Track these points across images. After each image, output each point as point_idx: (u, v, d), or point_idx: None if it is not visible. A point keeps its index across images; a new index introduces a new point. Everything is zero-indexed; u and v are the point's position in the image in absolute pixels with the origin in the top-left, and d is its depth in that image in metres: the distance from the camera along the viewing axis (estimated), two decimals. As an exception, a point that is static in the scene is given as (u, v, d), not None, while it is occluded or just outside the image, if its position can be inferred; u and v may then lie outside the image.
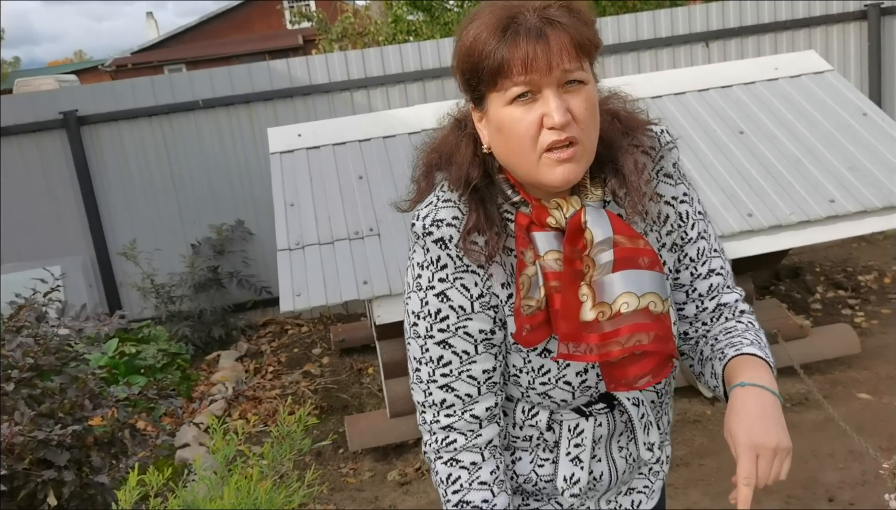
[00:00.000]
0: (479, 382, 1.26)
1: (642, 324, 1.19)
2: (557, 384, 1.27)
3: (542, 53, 1.10)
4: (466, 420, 1.27)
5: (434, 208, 1.24)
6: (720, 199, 3.68)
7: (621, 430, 1.36)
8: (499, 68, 1.12)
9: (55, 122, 5.44)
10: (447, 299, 1.22)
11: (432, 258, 1.22)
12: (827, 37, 6.11)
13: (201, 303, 5.44)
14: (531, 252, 1.20)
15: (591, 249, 1.19)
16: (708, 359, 1.32)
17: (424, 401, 1.28)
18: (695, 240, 1.33)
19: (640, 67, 5.93)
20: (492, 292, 1.23)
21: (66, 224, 5.58)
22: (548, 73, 1.11)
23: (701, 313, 1.36)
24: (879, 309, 4.83)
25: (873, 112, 4.13)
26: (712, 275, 1.34)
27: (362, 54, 5.72)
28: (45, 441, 2.49)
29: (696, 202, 1.34)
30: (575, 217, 1.19)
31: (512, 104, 1.14)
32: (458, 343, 1.24)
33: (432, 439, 1.29)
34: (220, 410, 4.42)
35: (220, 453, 2.57)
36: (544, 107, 1.12)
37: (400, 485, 3.58)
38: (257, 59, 7.32)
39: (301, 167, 4.01)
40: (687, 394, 3.95)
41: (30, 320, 2.82)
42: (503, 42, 1.11)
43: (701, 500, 3.18)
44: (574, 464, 1.34)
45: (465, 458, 1.28)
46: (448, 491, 1.28)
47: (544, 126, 1.13)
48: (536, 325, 1.20)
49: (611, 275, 1.18)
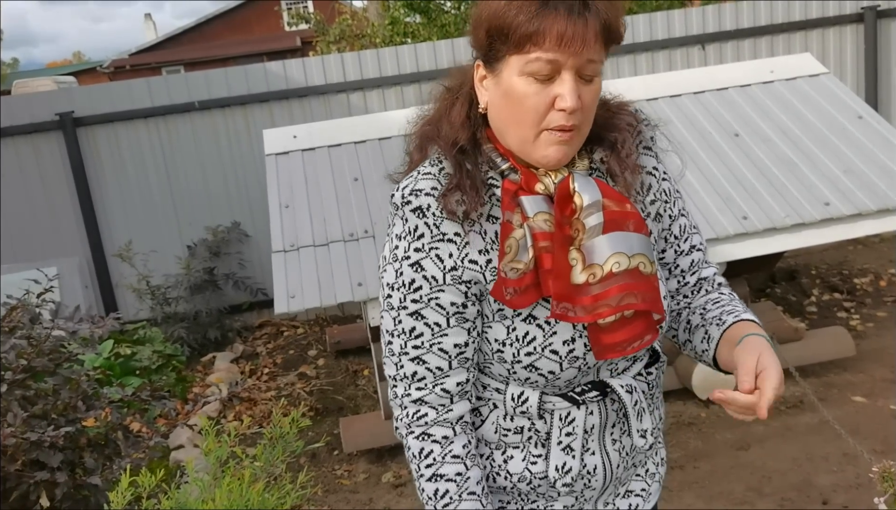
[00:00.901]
0: (451, 356, 1.26)
1: (631, 284, 1.21)
2: (544, 353, 1.25)
3: (578, 33, 1.12)
4: (437, 393, 1.27)
5: (413, 180, 1.26)
6: (715, 201, 3.68)
7: (614, 421, 1.36)
8: (532, 35, 1.13)
9: (51, 123, 5.44)
10: (421, 269, 1.23)
11: (410, 228, 1.24)
12: (823, 39, 6.12)
13: (197, 305, 5.43)
14: (518, 215, 1.22)
15: (581, 213, 1.21)
16: (699, 326, 1.37)
17: (396, 375, 1.29)
18: (677, 217, 1.38)
19: (636, 70, 5.93)
20: (468, 260, 1.23)
21: (61, 225, 5.58)
22: (577, 55, 1.13)
23: (683, 287, 1.41)
24: (875, 312, 4.83)
25: (869, 115, 4.13)
26: (693, 251, 1.40)
27: (359, 56, 5.73)
28: (37, 442, 2.49)
29: (672, 180, 1.39)
30: (563, 183, 1.22)
31: (529, 76, 1.16)
32: (430, 314, 1.24)
33: (403, 414, 1.30)
34: (214, 412, 4.41)
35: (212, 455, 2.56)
36: (560, 88, 1.15)
37: (394, 487, 3.58)
38: (255, 61, 7.33)
39: (296, 169, 4.01)
40: (681, 396, 3.95)
41: (23, 321, 2.81)
42: (544, 9, 1.12)
43: (695, 503, 3.18)
44: (565, 454, 1.33)
45: (436, 432, 1.28)
46: (421, 465, 1.29)
47: (555, 107, 1.16)
48: (524, 288, 1.21)
49: (600, 237, 1.21)
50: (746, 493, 3.20)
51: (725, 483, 3.28)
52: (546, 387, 1.30)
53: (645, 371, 1.39)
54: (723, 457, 3.49)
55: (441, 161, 1.27)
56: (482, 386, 1.34)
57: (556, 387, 1.31)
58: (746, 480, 3.29)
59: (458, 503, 1.27)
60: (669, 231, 1.38)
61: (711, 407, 3.89)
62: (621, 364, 1.34)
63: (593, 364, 1.29)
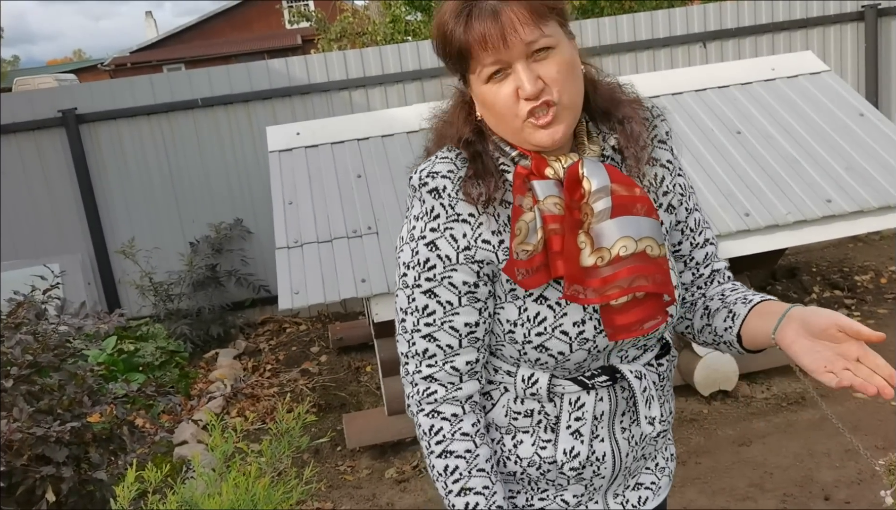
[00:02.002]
0: (461, 335, 1.29)
1: (641, 267, 1.24)
2: (554, 333, 1.28)
3: (495, 31, 1.16)
4: (447, 371, 1.30)
5: (431, 163, 1.30)
6: (717, 198, 3.69)
7: (623, 409, 1.38)
8: (462, 52, 1.20)
9: (54, 120, 5.44)
10: (436, 248, 1.27)
11: (427, 209, 1.28)
12: (824, 38, 6.12)
13: (200, 302, 5.44)
14: (529, 198, 1.25)
15: (589, 197, 1.24)
16: (719, 309, 1.39)
17: (408, 352, 1.32)
18: (692, 210, 1.41)
19: (637, 67, 5.94)
20: (481, 240, 1.26)
21: (64, 222, 5.59)
22: (507, 49, 1.17)
23: (697, 279, 1.45)
24: (876, 309, 4.84)
25: (870, 112, 4.15)
26: (707, 244, 1.44)
27: (360, 54, 5.73)
28: (43, 437, 2.50)
29: (686, 177, 1.42)
30: (572, 167, 1.25)
31: (489, 82, 1.21)
32: (442, 293, 1.28)
33: (414, 391, 1.33)
34: (218, 408, 4.43)
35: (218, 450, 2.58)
36: (516, 80, 1.19)
37: (397, 482, 3.59)
38: (256, 59, 7.33)
39: (300, 166, 4.02)
40: (683, 393, 3.96)
41: (29, 317, 2.82)
42: (460, 26, 1.18)
43: (697, 498, 3.19)
44: (574, 438, 1.35)
45: (446, 410, 1.31)
46: (431, 442, 1.32)
47: (520, 97, 1.19)
48: (535, 269, 1.24)
49: (608, 221, 1.23)
50: (748, 489, 3.21)
51: (727, 478, 3.30)
52: (556, 370, 1.32)
53: (656, 361, 1.41)
54: (725, 452, 3.50)
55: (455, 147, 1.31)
56: (493, 369, 1.37)
57: (565, 370, 1.33)
58: (748, 476, 3.30)
59: (468, 480, 1.29)
60: (686, 223, 1.40)
61: (713, 403, 3.91)
62: (632, 352, 1.36)
63: (603, 347, 1.31)
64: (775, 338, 1.25)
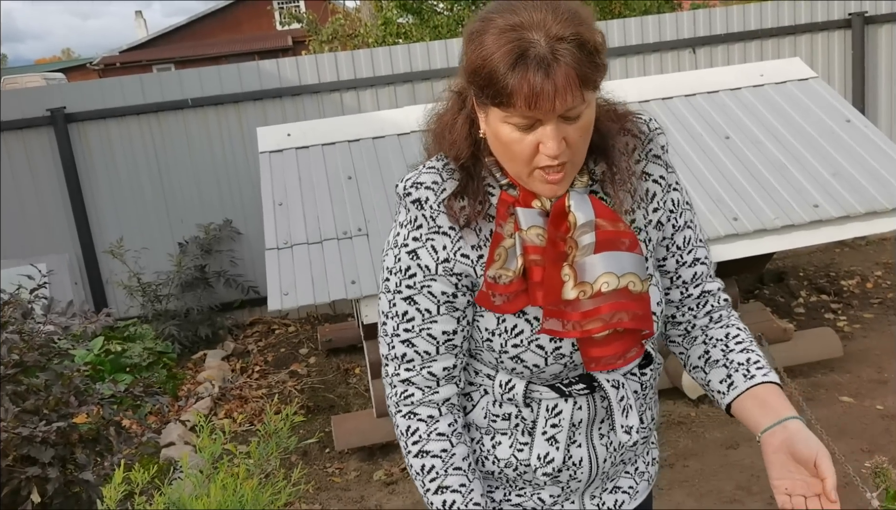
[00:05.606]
0: (438, 342, 1.31)
1: (623, 303, 1.25)
2: (530, 347, 1.30)
3: (547, 93, 1.10)
4: (424, 376, 1.33)
5: (417, 173, 1.30)
6: (706, 203, 3.71)
7: (602, 417, 1.39)
8: (504, 97, 1.13)
9: (42, 119, 5.41)
10: (417, 257, 1.28)
11: (411, 218, 1.29)
12: (812, 45, 6.16)
13: (188, 302, 5.42)
14: (511, 225, 1.25)
15: (574, 231, 1.23)
16: (719, 363, 1.38)
17: (388, 354, 1.35)
18: (682, 228, 1.39)
19: (627, 72, 5.96)
20: (460, 254, 1.27)
21: (52, 221, 5.56)
22: (550, 112, 1.13)
23: (686, 299, 1.42)
24: (862, 313, 4.88)
25: (857, 119, 4.18)
26: (697, 263, 1.41)
27: (352, 56, 5.73)
28: (29, 437, 2.48)
29: (683, 192, 1.40)
30: (559, 201, 1.24)
31: (511, 124, 1.17)
32: (422, 301, 1.30)
33: (392, 392, 1.36)
34: (206, 409, 4.41)
35: (206, 451, 2.57)
36: (542, 136, 1.15)
37: (386, 484, 3.59)
38: (247, 60, 7.32)
39: (290, 167, 4.02)
40: (672, 396, 3.98)
41: (15, 316, 2.80)
42: (511, 73, 1.11)
43: (685, 501, 3.21)
44: (549, 444, 1.37)
45: (422, 412, 1.34)
46: (408, 442, 1.35)
47: (540, 151, 1.17)
48: (513, 294, 1.26)
49: (592, 256, 1.23)
50: (736, 492, 3.23)
51: (715, 481, 3.31)
52: (532, 378, 1.34)
53: (639, 371, 1.41)
54: (712, 455, 3.51)
55: (447, 157, 1.30)
56: (474, 371, 1.39)
57: (542, 379, 1.34)
58: (736, 478, 3.31)
59: (444, 478, 1.32)
60: (672, 241, 1.39)
61: (701, 406, 3.92)
62: None
63: (580, 362, 1.32)
64: (761, 439, 1.27)
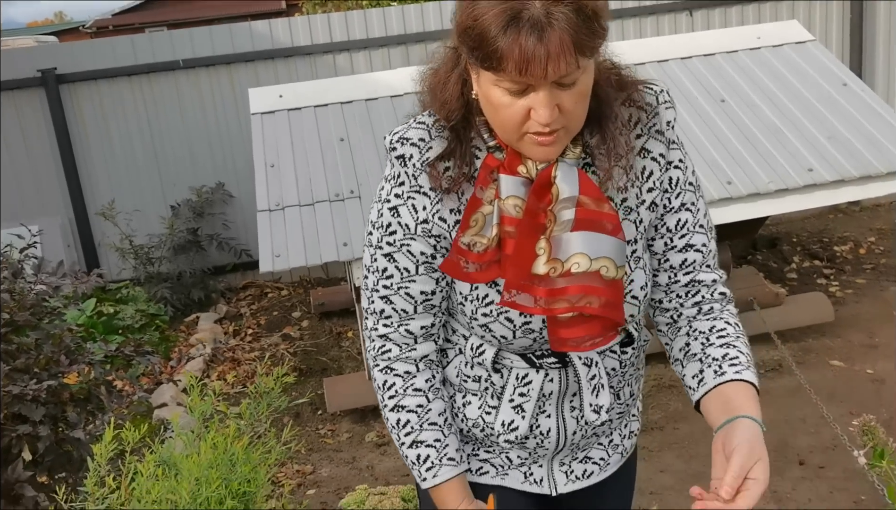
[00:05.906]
0: (416, 301, 1.30)
1: (593, 287, 1.19)
2: (498, 318, 1.27)
3: (539, 59, 1.04)
4: (401, 333, 1.32)
5: (405, 128, 1.26)
6: (700, 166, 3.69)
7: (574, 390, 1.35)
8: (494, 60, 1.07)
9: (33, 80, 5.35)
10: (398, 214, 1.26)
11: (394, 173, 1.26)
12: (810, 11, 6.10)
13: (180, 265, 5.41)
14: (491, 192, 1.21)
15: (556, 205, 1.19)
16: (696, 357, 1.30)
17: (368, 308, 1.35)
18: (676, 209, 1.29)
19: (623, 35, 5.90)
20: (438, 217, 1.24)
21: (43, 184, 5.52)
22: (542, 79, 1.07)
23: (673, 285, 1.34)
24: (854, 279, 4.89)
25: (853, 82, 4.15)
26: (690, 250, 1.31)
27: (345, 17, 5.66)
28: (19, 395, 2.48)
29: (689, 172, 1.30)
30: (546, 170, 1.19)
31: (502, 88, 1.11)
32: (401, 259, 1.28)
33: (371, 346, 1.36)
34: (198, 371, 4.42)
35: (197, 410, 2.57)
36: (534, 102, 1.10)
37: (377, 446, 3.61)
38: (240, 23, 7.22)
39: (282, 128, 3.99)
40: (662, 360, 3.99)
41: (5, 276, 2.79)
42: (502, 35, 1.05)
43: (674, 463, 3.23)
44: (515, 412, 1.35)
45: (399, 367, 1.34)
46: (385, 396, 1.35)
47: (531, 117, 1.11)
48: (486, 264, 1.22)
49: (569, 233, 1.18)
50: (724, 454, 3.25)
51: (704, 444, 3.33)
52: (502, 347, 1.32)
53: (620, 348, 1.36)
54: (702, 418, 3.50)
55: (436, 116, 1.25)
56: (451, 329, 1.38)
57: (511, 349, 1.32)
58: (724, 441, 3.33)
59: (419, 433, 1.33)
60: (662, 221, 1.30)
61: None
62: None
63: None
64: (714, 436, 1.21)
